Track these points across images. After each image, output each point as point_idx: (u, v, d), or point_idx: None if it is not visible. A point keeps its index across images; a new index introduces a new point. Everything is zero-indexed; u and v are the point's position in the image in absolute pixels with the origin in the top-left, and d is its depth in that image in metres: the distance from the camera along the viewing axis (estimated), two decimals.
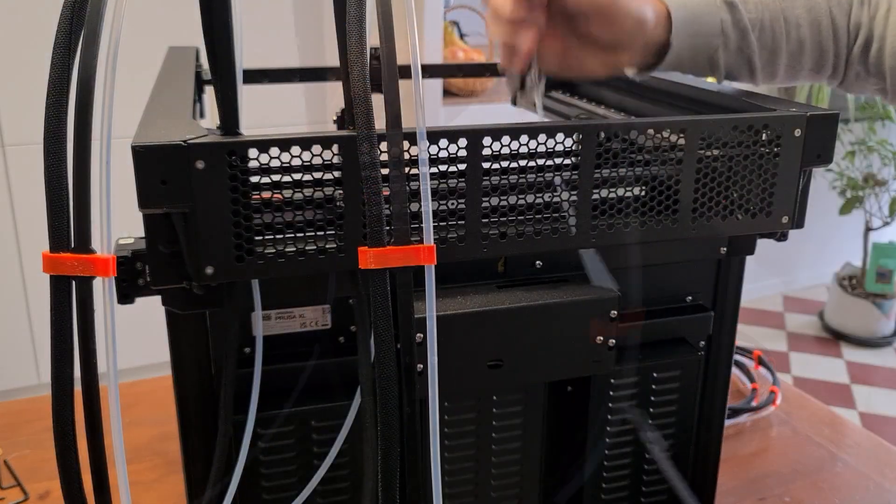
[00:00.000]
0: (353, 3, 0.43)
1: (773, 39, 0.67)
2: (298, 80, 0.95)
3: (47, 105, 0.41)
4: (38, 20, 1.98)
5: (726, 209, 0.59)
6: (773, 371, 1.05)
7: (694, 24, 0.65)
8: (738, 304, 0.69)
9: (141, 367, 1.81)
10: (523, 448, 0.65)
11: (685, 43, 0.65)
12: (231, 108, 0.49)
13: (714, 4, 0.65)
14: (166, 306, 0.53)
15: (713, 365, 0.69)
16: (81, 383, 0.43)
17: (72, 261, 0.42)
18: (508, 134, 0.52)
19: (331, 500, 0.60)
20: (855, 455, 0.90)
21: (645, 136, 0.56)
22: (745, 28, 0.66)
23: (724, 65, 0.67)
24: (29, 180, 2.06)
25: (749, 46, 0.67)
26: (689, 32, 0.65)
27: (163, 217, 0.47)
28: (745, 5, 0.66)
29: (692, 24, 0.65)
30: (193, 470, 0.57)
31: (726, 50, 0.67)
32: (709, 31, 0.65)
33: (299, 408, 0.57)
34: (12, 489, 0.81)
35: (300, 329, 0.58)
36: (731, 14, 0.66)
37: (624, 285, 0.62)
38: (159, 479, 0.83)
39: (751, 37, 0.66)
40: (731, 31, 0.66)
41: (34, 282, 2.13)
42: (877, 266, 2.92)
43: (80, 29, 0.42)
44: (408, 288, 0.44)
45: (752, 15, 0.66)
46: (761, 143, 0.58)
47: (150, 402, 0.96)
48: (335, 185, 0.50)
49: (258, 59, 0.91)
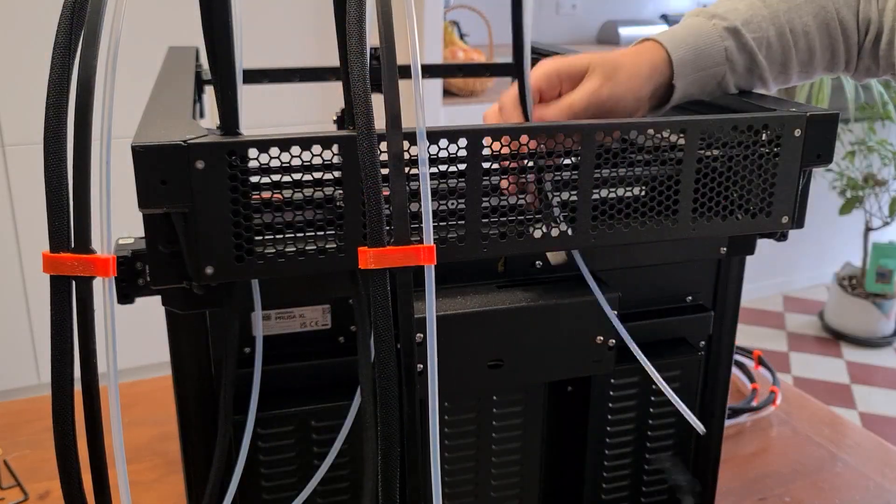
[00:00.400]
0: (353, 3, 0.43)
1: (783, 52, 0.67)
2: (298, 80, 0.95)
3: (47, 105, 0.41)
4: (38, 20, 1.98)
5: (726, 209, 0.59)
6: (773, 371, 1.05)
7: (697, 60, 0.64)
8: (738, 304, 0.69)
9: (141, 367, 1.81)
10: (523, 448, 0.65)
11: (690, 79, 0.65)
12: (231, 108, 0.49)
13: (716, 34, 0.65)
14: (166, 306, 0.53)
15: (713, 365, 0.69)
16: (81, 383, 0.43)
17: (72, 261, 0.42)
18: (508, 134, 0.52)
19: (331, 500, 0.60)
20: (855, 455, 0.90)
21: (645, 136, 0.56)
22: (751, 50, 0.65)
23: (735, 85, 0.67)
24: (29, 180, 2.06)
25: (758, 66, 0.66)
26: (694, 69, 0.65)
27: (163, 217, 0.47)
28: (748, 27, 0.65)
29: (695, 62, 0.64)
30: (193, 470, 0.57)
31: (734, 73, 0.66)
32: (714, 63, 0.65)
33: (299, 408, 0.57)
34: (12, 489, 0.81)
35: (300, 329, 0.58)
36: (735, 40, 0.65)
37: (624, 285, 0.62)
38: (159, 479, 0.83)
39: (758, 57, 0.66)
40: (736, 57, 0.65)
41: (34, 282, 2.13)
42: (877, 266, 2.92)
43: (80, 29, 0.42)
44: (408, 288, 0.44)
45: (757, 34, 0.66)
46: (761, 143, 0.58)
47: (150, 402, 0.96)
48: (335, 185, 0.50)
49: (263, 59, 0.91)
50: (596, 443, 0.66)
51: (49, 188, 0.41)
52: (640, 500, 0.69)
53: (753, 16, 0.66)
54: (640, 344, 0.61)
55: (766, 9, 0.66)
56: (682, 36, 0.65)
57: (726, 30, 0.65)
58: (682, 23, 0.67)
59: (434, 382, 0.45)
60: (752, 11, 0.66)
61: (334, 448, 0.57)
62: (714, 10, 0.67)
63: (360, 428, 0.56)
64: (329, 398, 0.57)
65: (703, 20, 0.66)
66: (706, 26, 0.65)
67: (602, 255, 0.62)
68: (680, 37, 0.65)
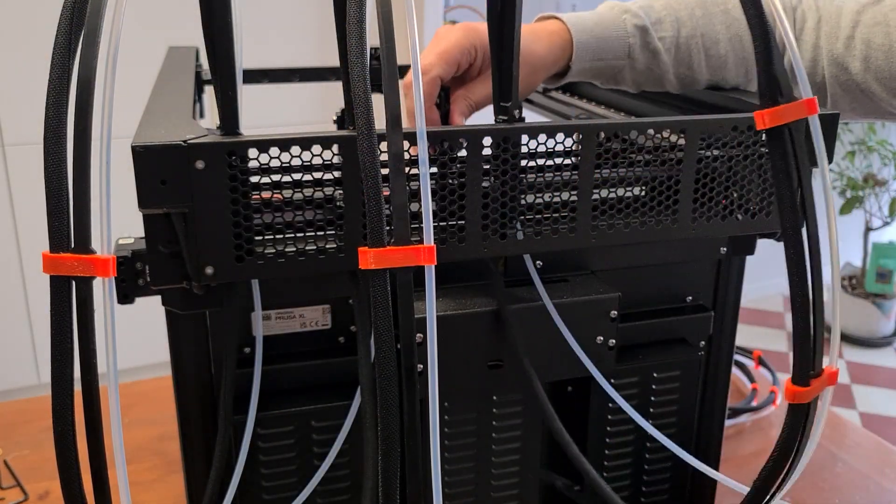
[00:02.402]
0: (354, 3, 0.43)
1: (690, 56, 0.67)
2: (298, 80, 0.95)
3: (47, 105, 0.41)
4: (38, 20, 1.98)
5: (726, 209, 0.59)
6: (773, 371, 1.05)
7: (598, 50, 0.65)
8: (738, 304, 0.69)
9: (141, 367, 1.81)
10: (523, 448, 0.65)
11: (588, 66, 0.66)
12: (231, 108, 0.49)
13: (623, 29, 0.66)
14: (166, 306, 0.53)
15: (713, 365, 0.69)
16: (81, 383, 0.43)
17: (72, 261, 0.41)
18: (508, 134, 0.52)
19: (331, 500, 0.60)
20: (855, 455, 0.90)
21: (645, 136, 0.56)
22: (655, 50, 0.66)
23: (633, 80, 0.68)
24: (29, 180, 2.06)
25: (659, 66, 0.67)
26: (593, 57, 0.66)
27: (163, 217, 0.47)
28: (658, 26, 0.66)
29: (596, 51, 0.65)
30: (193, 470, 0.57)
31: (633, 70, 0.67)
32: (614, 56, 0.66)
33: (299, 408, 0.57)
34: (12, 489, 0.81)
35: (300, 329, 0.58)
36: (640, 38, 0.66)
37: (624, 285, 0.62)
38: (159, 479, 0.83)
39: (662, 57, 0.66)
40: (638, 54, 0.66)
41: (34, 282, 2.13)
42: (877, 266, 2.92)
43: (80, 29, 0.42)
44: (408, 288, 0.44)
45: (667, 34, 0.66)
46: (761, 143, 0.58)
47: (150, 402, 0.96)
48: (335, 185, 0.50)
49: (263, 59, 0.91)
50: (596, 443, 0.66)
51: (49, 188, 0.41)
52: (640, 500, 0.69)
53: (666, 16, 0.66)
54: (640, 344, 0.61)
55: (682, 11, 0.67)
56: (590, 24, 0.66)
57: (635, 27, 0.66)
58: (595, 10, 0.68)
59: (434, 382, 0.45)
60: (667, 12, 0.66)
61: (334, 448, 0.57)
62: (629, 6, 0.67)
63: (360, 428, 0.56)
64: (329, 398, 0.57)
65: (615, 13, 0.67)
66: (617, 19, 0.66)
67: (602, 255, 0.62)
68: (588, 24, 0.66)
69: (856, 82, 0.67)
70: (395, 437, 0.44)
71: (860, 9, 0.67)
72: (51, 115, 0.41)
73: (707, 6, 0.67)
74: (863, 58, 0.66)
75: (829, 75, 0.68)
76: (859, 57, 0.66)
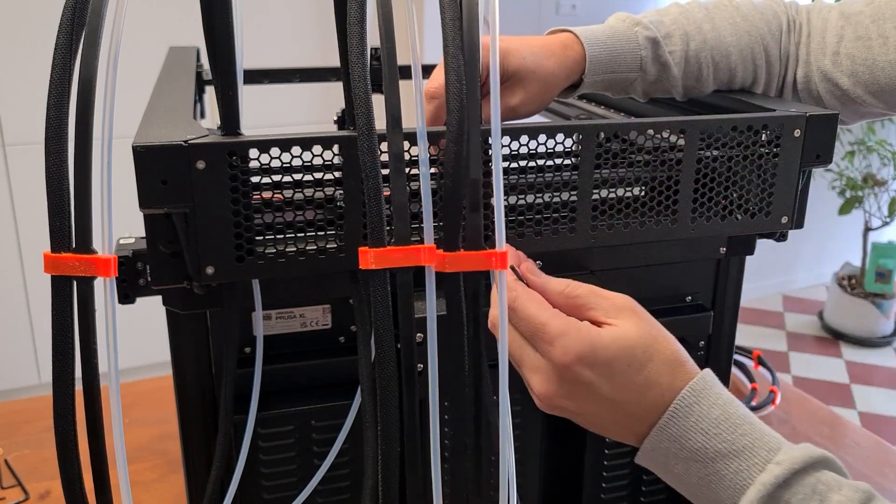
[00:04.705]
0: (354, 3, 0.43)
1: (700, 70, 0.68)
2: (298, 80, 0.95)
3: (48, 105, 0.41)
4: (38, 21, 1.98)
5: (726, 209, 0.59)
6: (772, 371, 1.05)
7: (611, 63, 0.66)
8: (737, 304, 0.69)
9: (141, 367, 1.81)
10: (523, 448, 0.65)
11: (600, 78, 0.66)
12: (231, 108, 0.49)
13: (635, 41, 0.66)
14: (167, 306, 0.53)
15: (713, 365, 0.69)
16: (82, 383, 0.43)
17: (73, 261, 0.42)
18: (508, 134, 0.52)
19: (331, 499, 0.60)
20: (855, 455, 0.90)
21: (644, 137, 0.56)
22: (665, 63, 0.67)
23: (643, 91, 0.69)
24: (30, 180, 2.06)
25: (669, 79, 0.68)
26: (606, 70, 0.66)
27: (163, 217, 0.47)
28: (669, 40, 0.67)
29: (609, 64, 0.66)
30: (193, 470, 0.57)
31: (644, 81, 0.68)
32: (627, 69, 0.66)
33: (299, 408, 0.57)
34: (13, 489, 0.81)
35: (300, 329, 0.58)
36: (652, 50, 0.66)
37: (624, 285, 0.62)
38: (159, 479, 0.83)
39: (672, 70, 0.67)
40: (650, 67, 0.67)
41: (35, 282, 2.13)
42: (876, 266, 2.92)
43: (81, 29, 0.42)
44: (408, 288, 0.44)
45: (676, 48, 0.67)
46: (761, 143, 0.58)
47: (150, 402, 0.96)
48: (335, 185, 0.50)
49: (263, 59, 0.91)
50: (596, 443, 0.66)
51: (50, 188, 0.41)
52: (640, 500, 0.69)
53: (675, 30, 0.67)
54: None
55: (690, 25, 0.67)
56: (602, 37, 0.66)
57: (647, 39, 0.66)
58: (605, 23, 0.68)
59: (434, 382, 0.45)
60: (676, 26, 0.67)
61: (334, 448, 0.57)
62: (639, 19, 0.68)
63: (360, 428, 0.56)
64: (329, 398, 0.57)
65: (627, 25, 0.67)
66: (629, 32, 0.66)
67: (602, 255, 0.62)
68: (600, 37, 0.66)
69: (849, 96, 0.68)
70: (395, 437, 0.44)
71: (844, 22, 0.68)
72: (52, 114, 0.41)
73: (715, 20, 0.68)
74: (850, 73, 0.67)
75: (823, 90, 0.69)
76: (846, 72, 0.67)
